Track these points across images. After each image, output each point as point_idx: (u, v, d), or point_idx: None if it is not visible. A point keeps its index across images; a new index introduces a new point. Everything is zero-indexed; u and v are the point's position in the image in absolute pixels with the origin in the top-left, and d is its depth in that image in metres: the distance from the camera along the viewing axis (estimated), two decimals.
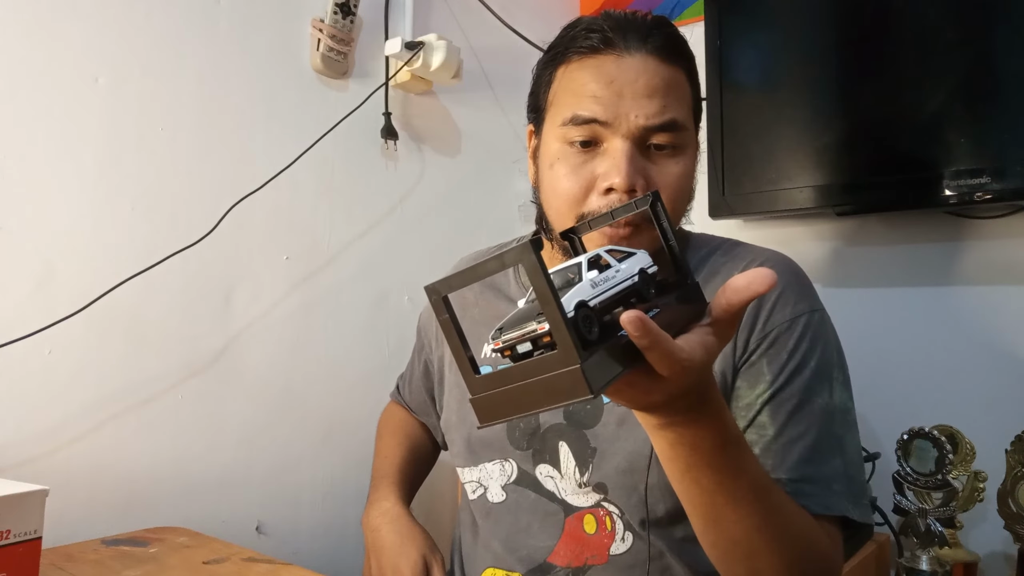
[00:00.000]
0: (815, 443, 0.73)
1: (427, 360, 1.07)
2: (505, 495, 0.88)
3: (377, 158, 1.40)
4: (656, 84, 0.77)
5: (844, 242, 1.40)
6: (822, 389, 0.76)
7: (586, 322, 0.43)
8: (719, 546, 0.65)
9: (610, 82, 0.76)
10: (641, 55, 0.77)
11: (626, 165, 0.75)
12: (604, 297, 0.46)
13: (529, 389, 0.43)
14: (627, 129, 0.76)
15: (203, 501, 1.15)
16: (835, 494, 0.72)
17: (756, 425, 0.75)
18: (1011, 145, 1.11)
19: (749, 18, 1.42)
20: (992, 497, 1.07)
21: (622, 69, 0.77)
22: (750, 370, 0.77)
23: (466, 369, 0.46)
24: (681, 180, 0.79)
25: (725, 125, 1.41)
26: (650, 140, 0.77)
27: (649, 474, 0.78)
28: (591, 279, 0.46)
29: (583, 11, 1.79)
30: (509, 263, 0.42)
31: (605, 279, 0.47)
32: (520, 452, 0.86)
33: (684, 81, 0.80)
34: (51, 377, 1.01)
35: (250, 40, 1.22)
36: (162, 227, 1.11)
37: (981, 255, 1.26)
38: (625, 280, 0.48)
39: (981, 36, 1.16)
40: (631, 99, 0.76)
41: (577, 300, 0.43)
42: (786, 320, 0.78)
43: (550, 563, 0.83)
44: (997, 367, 1.23)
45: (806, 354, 0.76)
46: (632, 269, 0.50)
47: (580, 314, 0.43)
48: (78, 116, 1.04)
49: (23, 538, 0.70)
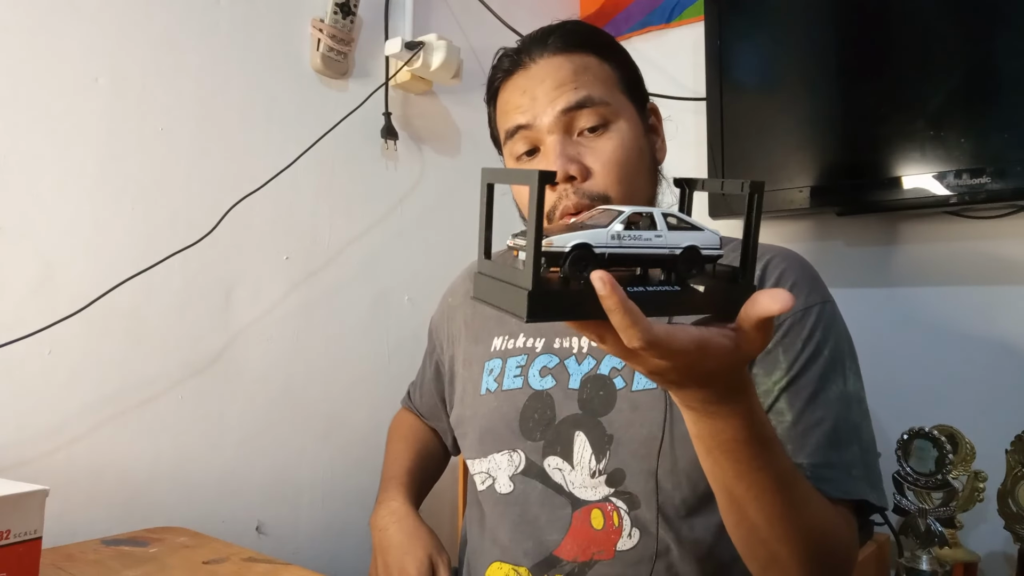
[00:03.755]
0: (833, 429, 0.75)
1: (438, 361, 1.08)
2: (513, 486, 0.88)
3: (377, 158, 1.40)
4: (562, 76, 0.83)
5: (844, 242, 1.41)
6: (837, 377, 0.78)
7: (576, 261, 0.46)
8: (741, 527, 0.66)
9: (523, 91, 0.85)
10: (544, 59, 0.85)
11: (554, 156, 0.81)
12: (620, 252, 0.47)
13: (503, 289, 0.47)
14: (548, 123, 0.82)
15: (203, 501, 1.15)
16: (854, 479, 0.74)
17: (774, 412, 0.77)
18: (1011, 145, 1.11)
19: (749, 18, 1.42)
20: (992, 497, 1.07)
21: (530, 77, 0.85)
22: (766, 358, 0.78)
23: (481, 247, 0.51)
24: (617, 154, 0.83)
25: (725, 125, 1.41)
26: (576, 125, 0.83)
27: (661, 459, 0.79)
28: (615, 232, 0.47)
29: (583, 11, 1.79)
30: (517, 181, 0.49)
31: (634, 237, 0.48)
32: (531, 443, 0.87)
33: (596, 63, 0.86)
34: (51, 377, 1.01)
35: (250, 40, 1.22)
36: (162, 227, 1.11)
37: (981, 255, 1.26)
38: (659, 248, 0.49)
39: (981, 36, 1.16)
40: (543, 97, 0.83)
41: (580, 241, 0.46)
42: (799, 310, 0.80)
43: (556, 556, 0.84)
44: (997, 367, 1.23)
45: (820, 343, 0.78)
46: (679, 241, 0.49)
47: (573, 253, 0.46)
48: (78, 116, 1.04)
49: (23, 538, 0.70)
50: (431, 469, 1.12)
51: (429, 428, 1.14)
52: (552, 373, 0.89)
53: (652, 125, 0.92)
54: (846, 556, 0.72)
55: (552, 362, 0.90)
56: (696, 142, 1.51)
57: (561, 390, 0.87)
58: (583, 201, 0.80)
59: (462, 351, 1.00)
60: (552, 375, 0.89)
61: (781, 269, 0.83)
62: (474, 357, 0.97)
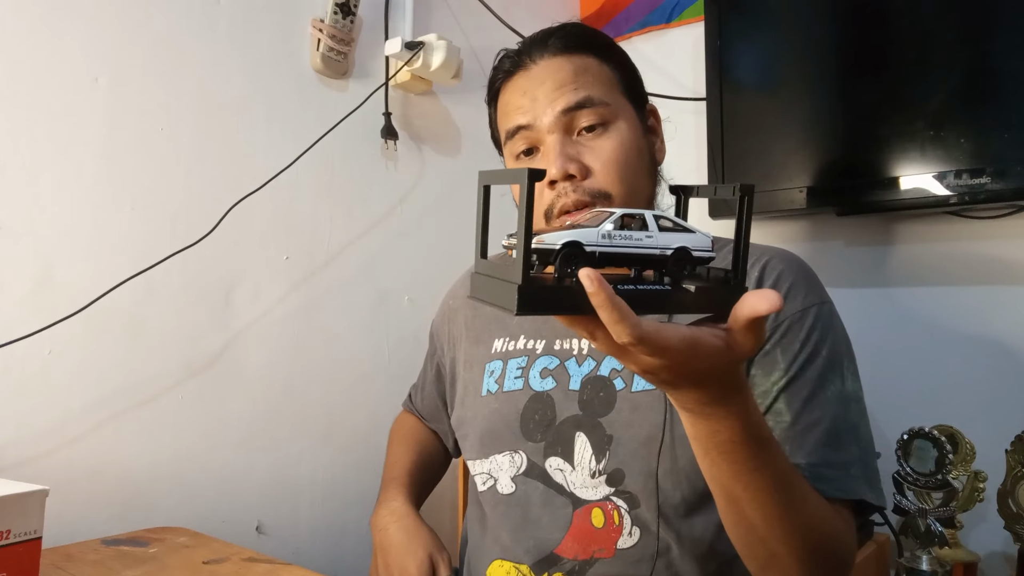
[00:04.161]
0: (831, 429, 0.76)
1: (439, 363, 1.08)
2: (515, 486, 0.88)
3: (377, 158, 1.40)
4: (562, 77, 0.84)
5: (844, 242, 1.41)
6: (835, 377, 0.79)
7: (567, 258, 0.47)
8: (739, 527, 0.66)
9: (524, 92, 0.86)
10: (544, 60, 0.86)
11: (555, 157, 0.81)
12: (611, 251, 0.49)
13: (494, 285, 0.49)
14: (548, 123, 0.83)
15: (203, 501, 1.15)
16: (853, 478, 0.75)
17: (773, 412, 0.77)
18: (1011, 145, 1.11)
19: (749, 18, 1.42)
20: (992, 497, 1.07)
21: (531, 78, 0.86)
22: (764, 359, 0.79)
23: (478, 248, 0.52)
24: (616, 152, 0.83)
25: (725, 125, 1.41)
26: (576, 125, 0.84)
27: (661, 458, 0.80)
28: (606, 231, 0.48)
29: (583, 11, 1.79)
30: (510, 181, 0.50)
31: (625, 237, 0.49)
32: (532, 444, 0.87)
33: (596, 64, 0.87)
34: (51, 377, 1.01)
35: (250, 40, 1.22)
36: (162, 227, 1.11)
37: (981, 255, 1.26)
38: (651, 248, 0.50)
39: (981, 36, 1.16)
40: (543, 97, 0.84)
41: (571, 239, 0.47)
42: (797, 311, 0.80)
43: (557, 555, 0.84)
44: (997, 367, 1.23)
45: (818, 343, 0.79)
46: (670, 242, 0.50)
47: (563, 250, 0.47)
48: (78, 116, 1.04)
49: (23, 538, 0.70)
50: (432, 471, 1.12)
51: (430, 430, 1.14)
52: (553, 374, 0.89)
53: (651, 126, 0.92)
54: (845, 555, 0.72)
55: (552, 363, 0.90)
56: (696, 142, 1.51)
57: (561, 391, 0.88)
58: (583, 199, 0.81)
59: (463, 353, 1.00)
60: (553, 376, 0.89)
61: (779, 270, 0.83)
62: (475, 359, 0.98)
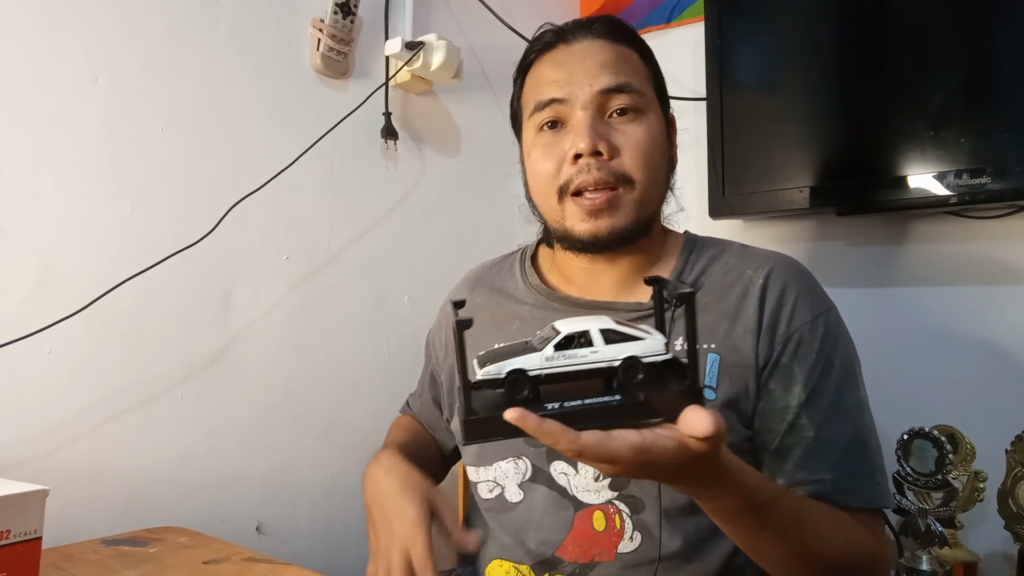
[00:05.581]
0: (853, 440, 0.78)
1: (434, 371, 1.08)
2: (523, 493, 0.88)
3: (377, 158, 1.40)
4: (605, 58, 0.84)
5: (844, 242, 1.40)
6: (851, 385, 0.81)
7: (514, 385, 0.52)
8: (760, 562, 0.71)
9: (562, 65, 0.85)
10: (588, 40, 0.86)
11: (586, 130, 0.81)
12: (555, 371, 0.53)
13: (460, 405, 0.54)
14: (584, 99, 0.83)
15: (203, 501, 1.15)
16: (877, 485, 0.78)
17: (796, 428, 0.78)
18: (1011, 145, 1.11)
19: (749, 18, 1.42)
20: (992, 497, 1.07)
21: (571, 53, 0.86)
22: (782, 372, 0.80)
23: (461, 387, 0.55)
24: (646, 142, 0.84)
25: (725, 125, 1.41)
26: (609, 107, 0.83)
27: None
28: (546, 355, 0.53)
29: (583, 11, 1.79)
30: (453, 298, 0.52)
31: (569, 356, 0.53)
32: (534, 449, 0.87)
33: (636, 57, 0.87)
34: (51, 377, 1.01)
35: (250, 40, 1.22)
36: (162, 227, 1.11)
37: (981, 255, 1.25)
38: (596, 363, 0.53)
39: (981, 36, 1.16)
40: (582, 74, 0.83)
41: (516, 367, 0.52)
42: (807, 321, 0.82)
43: (558, 557, 0.84)
44: (997, 367, 1.23)
45: (831, 353, 0.81)
46: (617, 354, 0.53)
47: (509, 378, 0.52)
48: (78, 116, 1.04)
49: (23, 538, 0.70)
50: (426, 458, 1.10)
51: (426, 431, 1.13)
52: None
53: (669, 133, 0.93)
54: (870, 562, 0.75)
55: None
56: (696, 142, 1.51)
57: None
58: (606, 178, 0.81)
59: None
60: None
61: (783, 283, 0.84)
62: None
